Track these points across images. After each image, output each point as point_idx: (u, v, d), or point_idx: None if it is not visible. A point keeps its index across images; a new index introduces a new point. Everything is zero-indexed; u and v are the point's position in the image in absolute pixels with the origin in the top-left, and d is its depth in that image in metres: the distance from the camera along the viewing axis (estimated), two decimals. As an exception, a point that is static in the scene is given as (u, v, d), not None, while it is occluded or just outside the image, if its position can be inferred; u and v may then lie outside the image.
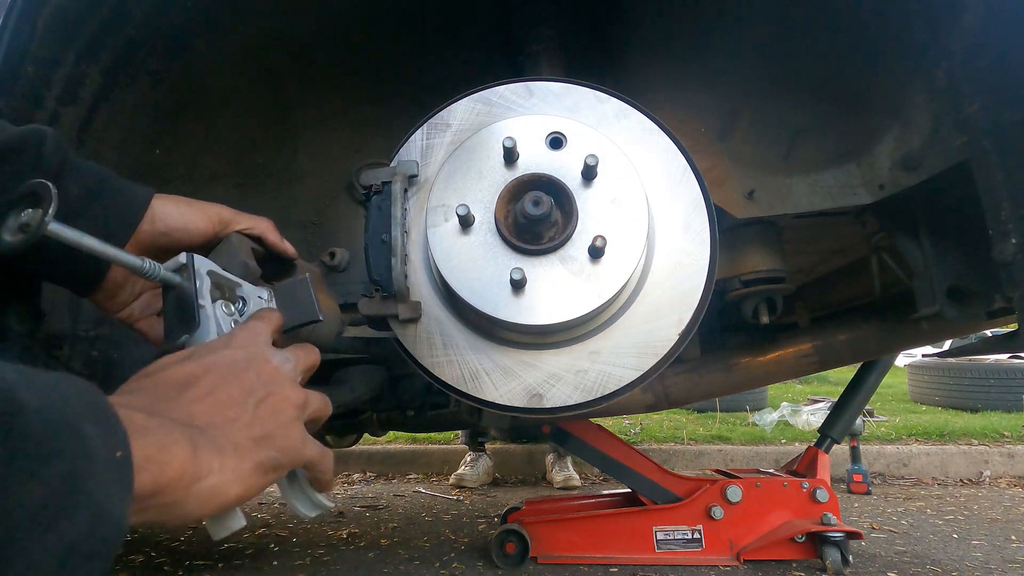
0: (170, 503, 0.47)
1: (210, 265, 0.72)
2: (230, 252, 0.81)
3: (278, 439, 0.58)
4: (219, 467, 0.51)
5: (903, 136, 1.33)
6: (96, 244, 0.63)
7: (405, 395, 1.82)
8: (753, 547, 2.13)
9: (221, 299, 0.72)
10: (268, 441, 0.57)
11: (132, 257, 0.66)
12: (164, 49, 1.20)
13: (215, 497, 0.51)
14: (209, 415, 0.53)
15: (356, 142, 1.53)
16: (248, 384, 0.58)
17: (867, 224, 1.60)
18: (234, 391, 0.57)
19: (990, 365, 5.26)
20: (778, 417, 4.72)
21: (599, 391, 0.98)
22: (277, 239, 0.89)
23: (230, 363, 0.59)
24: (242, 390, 0.57)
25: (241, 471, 0.53)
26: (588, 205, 0.96)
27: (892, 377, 6.58)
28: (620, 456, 2.27)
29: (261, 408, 0.58)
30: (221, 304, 0.72)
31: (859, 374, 2.47)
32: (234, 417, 0.55)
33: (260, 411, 0.58)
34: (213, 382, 0.56)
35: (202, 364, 0.57)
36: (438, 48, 1.46)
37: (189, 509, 0.49)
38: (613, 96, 1.05)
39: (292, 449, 0.60)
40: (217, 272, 0.73)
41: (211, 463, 0.50)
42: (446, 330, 1.02)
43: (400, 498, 3.45)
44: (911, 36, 1.24)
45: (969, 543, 2.44)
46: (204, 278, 0.70)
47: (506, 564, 2.14)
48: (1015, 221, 1.09)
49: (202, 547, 2.54)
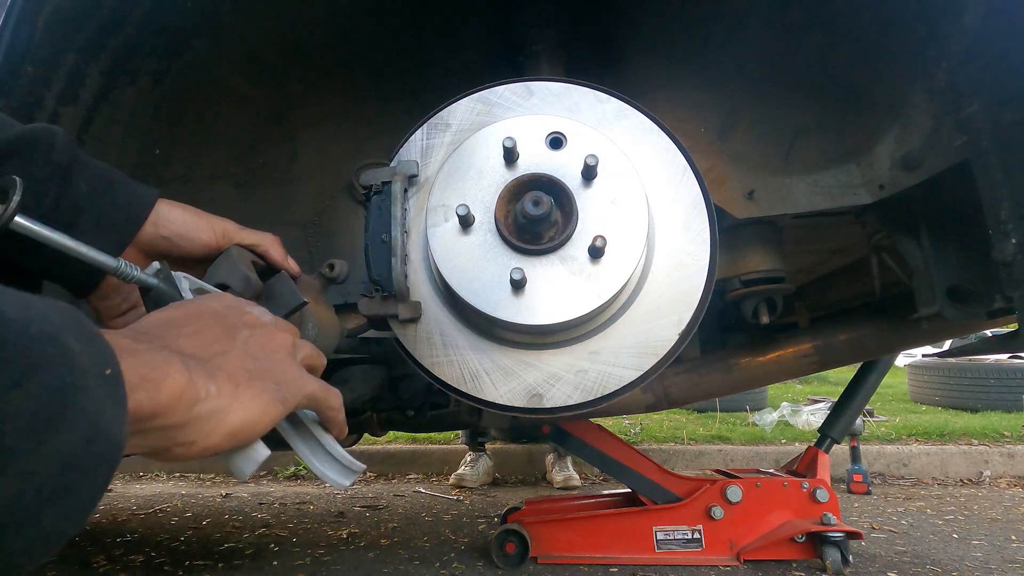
0: (172, 426, 0.47)
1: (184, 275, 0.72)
2: (230, 264, 0.80)
3: (274, 372, 0.57)
4: (216, 391, 0.50)
5: (903, 136, 1.33)
6: (63, 240, 0.62)
7: (405, 395, 1.82)
8: (753, 547, 2.13)
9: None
10: (263, 373, 0.56)
11: (104, 256, 0.65)
12: (164, 49, 1.20)
13: (220, 422, 0.50)
14: (196, 349, 0.53)
15: (356, 142, 1.53)
16: (231, 325, 0.58)
17: (867, 224, 1.60)
18: (218, 331, 0.56)
19: (990, 365, 5.26)
20: (778, 417, 4.72)
21: (599, 391, 0.98)
22: (281, 256, 0.88)
23: (210, 311, 0.58)
24: (226, 330, 0.57)
25: (239, 396, 0.52)
26: (588, 205, 0.96)
27: (892, 377, 6.58)
28: (620, 456, 2.27)
29: (249, 346, 0.57)
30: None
31: (859, 374, 2.47)
32: (222, 351, 0.54)
33: (249, 348, 0.57)
34: (198, 324, 0.55)
35: (183, 311, 0.57)
36: (438, 48, 1.46)
37: (194, 434, 0.48)
38: (613, 96, 1.05)
39: (290, 381, 0.58)
40: (195, 280, 0.72)
41: (208, 385, 0.49)
42: (446, 330, 1.02)
43: (400, 498, 3.45)
44: (911, 36, 1.24)
45: (969, 543, 2.44)
46: (182, 280, 0.70)
47: (506, 564, 2.14)
48: (1015, 221, 1.09)
49: (202, 547, 2.54)
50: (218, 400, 0.50)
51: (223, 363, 0.53)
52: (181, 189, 1.42)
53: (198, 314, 0.57)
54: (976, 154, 1.15)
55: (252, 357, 0.56)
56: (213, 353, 0.54)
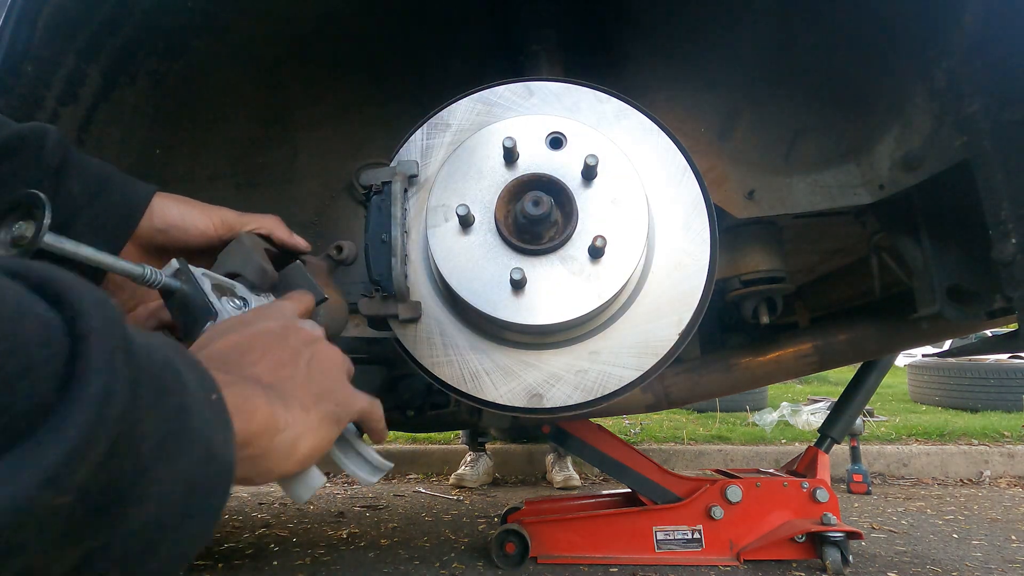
0: (257, 455, 0.48)
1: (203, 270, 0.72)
2: (244, 254, 0.80)
3: (334, 392, 0.60)
4: (293, 420, 0.52)
5: (903, 136, 1.33)
6: (93, 254, 0.62)
7: (405, 395, 1.82)
8: (753, 547, 2.13)
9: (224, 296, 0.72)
10: (326, 395, 0.59)
11: (130, 264, 0.65)
12: (164, 49, 1.20)
13: (293, 450, 0.52)
14: (269, 376, 0.55)
15: (356, 142, 1.53)
16: (294, 347, 0.59)
17: (867, 224, 1.60)
18: (284, 354, 0.58)
19: (990, 365, 5.26)
20: (778, 417, 4.72)
21: (599, 391, 0.98)
22: (286, 235, 0.88)
23: (269, 332, 0.60)
24: (291, 353, 0.59)
25: (310, 423, 0.54)
26: (588, 205, 0.96)
27: (892, 377, 6.58)
28: (620, 456, 2.27)
29: (312, 367, 0.59)
30: (227, 300, 0.72)
31: (859, 374, 2.47)
32: (291, 376, 0.56)
33: (311, 370, 0.59)
34: (264, 348, 0.57)
35: (246, 335, 0.58)
36: (438, 48, 1.46)
37: (272, 463, 0.50)
38: (613, 96, 1.05)
39: (347, 401, 0.61)
40: (212, 275, 0.72)
41: (285, 417, 0.51)
42: (446, 330, 1.02)
43: (400, 498, 3.45)
44: (911, 36, 1.24)
45: (969, 543, 2.44)
46: (203, 279, 0.70)
47: (506, 564, 2.14)
48: (1015, 221, 1.09)
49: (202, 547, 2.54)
50: (294, 429, 0.52)
51: (293, 390, 0.55)
52: (181, 189, 1.40)
53: (260, 335, 0.58)
54: (976, 154, 1.15)
55: (315, 380, 0.59)
56: (283, 379, 0.56)
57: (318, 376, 0.60)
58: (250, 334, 0.58)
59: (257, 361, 0.55)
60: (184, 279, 0.69)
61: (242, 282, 0.78)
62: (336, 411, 0.59)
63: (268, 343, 0.58)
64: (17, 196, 0.59)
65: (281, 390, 0.54)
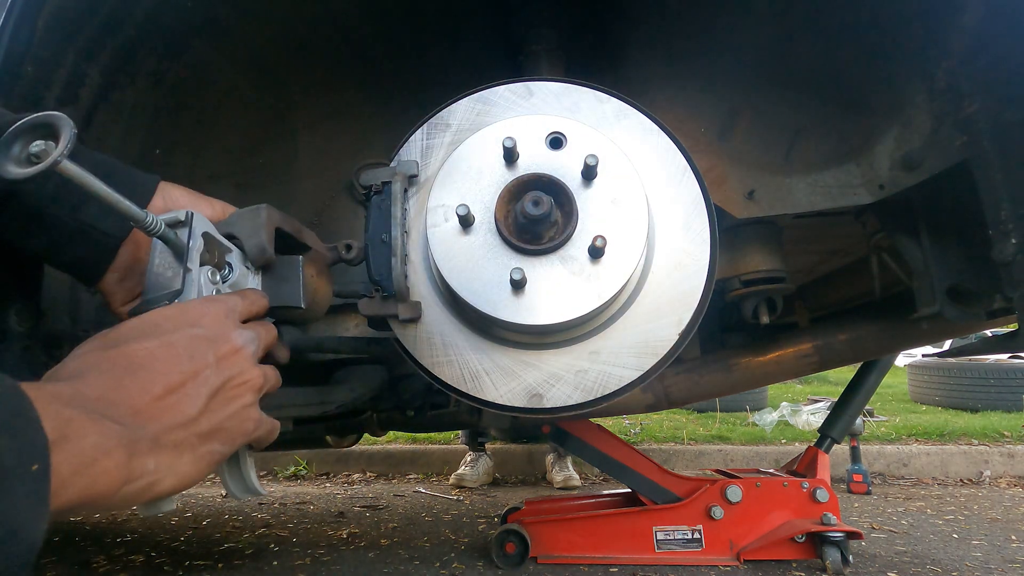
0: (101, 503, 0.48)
1: (207, 226, 0.71)
2: (254, 226, 0.79)
3: (226, 430, 0.59)
4: (154, 467, 0.51)
5: (903, 136, 1.33)
6: (102, 188, 0.61)
7: (405, 395, 1.82)
8: (753, 547, 2.13)
9: (209, 264, 0.71)
10: (215, 435, 0.57)
11: (135, 208, 0.64)
12: (164, 49, 1.20)
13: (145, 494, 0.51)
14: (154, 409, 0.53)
15: (356, 142, 1.53)
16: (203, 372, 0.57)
17: (867, 224, 1.60)
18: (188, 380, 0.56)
19: (990, 365, 5.26)
20: (778, 417, 4.72)
21: (599, 391, 0.98)
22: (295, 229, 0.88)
23: (191, 343, 0.58)
24: (196, 379, 0.57)
25: (177, 467, 0.53)
26: (588, 205, 0.96)
27: (892, 377, 6.58)
28: (620, 456, 2.27)
29: (215, 400, 0.58)
30: (208, 270, 0.71)
31: (859, 374, 2.47)
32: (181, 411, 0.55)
33: (213, 403, 0.58)
34: (168, 368, 0.55)
35: (163, 342, 0.56)
36: (438, 48, 1.46)
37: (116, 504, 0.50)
38: (613, 96, 1.05)
39: (235, 437, 0.60)
40: (211, 235, 0.71)
41: (146, 464, 0.50)
42: (446, 330, 1.02)
43: (400, 498, 3.45)
44: (911, 36, 1.24)
45: (969, 543, 2.44)
46: (198, 239, 0.69)
47: (506, 564, 2.14)
48: (1015, 221, 1.09)
49: (202, 547, 2.54)
50: (154, 476, 0.51)
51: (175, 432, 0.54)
52: (181, 189, 1.42)
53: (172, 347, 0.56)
54: (976, 154, 1.15)
55: (210, 416, 0.57)
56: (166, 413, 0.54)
57: (217, 407, 0.58)
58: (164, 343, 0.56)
59: (146, 387, 0.53)
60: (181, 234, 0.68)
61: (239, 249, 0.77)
62: (219, 450, 0.58)
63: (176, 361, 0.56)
64: (43, 116, 0.57)
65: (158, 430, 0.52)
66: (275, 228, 0.81)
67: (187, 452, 0.54)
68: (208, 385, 0.58)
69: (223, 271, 0.74)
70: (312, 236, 0.91)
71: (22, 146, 0.57)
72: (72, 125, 0.55)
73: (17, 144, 0.57)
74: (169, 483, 0.53)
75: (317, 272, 0.89)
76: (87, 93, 1.13)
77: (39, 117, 0.57)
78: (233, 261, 0.75)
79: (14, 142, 0.56)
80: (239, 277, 0.76)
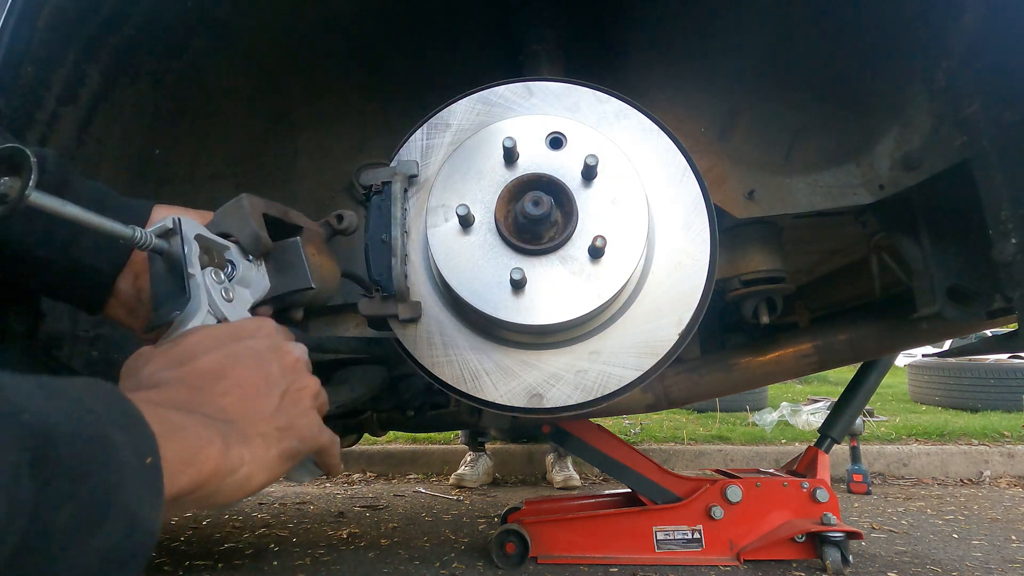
0: (205, 496, 0.50)
1: (197, 228, 0.70)
2: (241, 217, 0.78)
3: (299, 428, 0.61)
4: (249, 457, 0.53)
5: (903, 136, 1.33)
6: (79, 213, 0.60)
7: (405, 395, 1.82)
8: (753, 547, 2.13)
9: (210, 265, 0.70)
10: (290, 430, 0.60)
11: (119, 225, 0.63)
12: (164, 49, 1.20)
13: (244, 487, 0.54)
14: (238, 408, 0.56)
15: (356, 142, 1.53)
16: (273, 375, 0.60)
17: (867, 224, 1.60)
18: (260, 383, 0.59)
19: (990, 365, 5.26)
20: (778, 417, 4.72)
21: (599, 391, 0.98)
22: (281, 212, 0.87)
23: (255, 353, 0.60)
24: (268, 381, 0.60)
25: (267, 460, 0.56)
26: (588, 205, 0.96)
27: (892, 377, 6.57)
28: (620, 456, 2.27)
29: (285, 399, 0.61)
30: (211, 272, 0.70)
31: (859, 374, 2.47)
32: (261, 408, 0.58)
33: (284, 401, 0.60)
34: (241, 374, 0.58)
35: (229, 354, 0.59)
36: (438, 48, 1.46)
37: (221, 499, 0.52)
38: (613, 96, 1.05)
39: (311, 437, 0.62)
40: (205, 236, 0.71)
41: (242, 455, 0.52)
42: (446, 330, 1.02)
43: (400, 498, 3.45)
44: (911, 36, 1.24)
45: (969, 543, 2.44)
46: (192, 243, 0.68)
47: (506, 564, 2.14)
48: (1015, 221, 1.09)
49: (202, 547, 2.54)
50: (249, 467, 0.53)
51: (258, 423, 0.57)
52: (181, 189, 1.42)
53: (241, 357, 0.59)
54: (976, 154, 1.15)
55: (284, 413, 0.60)
56: (253, 411, 0.57)
57: (289, 408, 0.60)
58: (231, 354, 0.59)
59: (229, 390, 0.56)
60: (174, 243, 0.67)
61: (234, 245, 0.76)
62: (297, 447, 0.60)
63: (246, 368, 0.58)
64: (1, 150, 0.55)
65: (244, 425, 0.55)
66: (261, 214, 0.80)
67: (273, 445, 0.57)
68: (278, 387, 0.60)
69: (226, 270, 0.73)
70: (301, 216, 0.89)
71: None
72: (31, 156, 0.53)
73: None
74: (262, 476, 0.55)
75: (317, 250, 0.88)
76: (87, 93, 1.13)
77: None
78: (233, 258, 0.75)
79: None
80: (244, 272, 0.76)
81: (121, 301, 0.79)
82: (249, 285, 0.77)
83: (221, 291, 0.70)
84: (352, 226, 0.94)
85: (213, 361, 0.57)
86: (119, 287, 0.78)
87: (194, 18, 1.19)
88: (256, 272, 0.79)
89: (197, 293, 0.66)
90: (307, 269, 0.81)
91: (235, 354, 0.59)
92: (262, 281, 0.80)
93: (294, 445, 0.59)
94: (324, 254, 0.90)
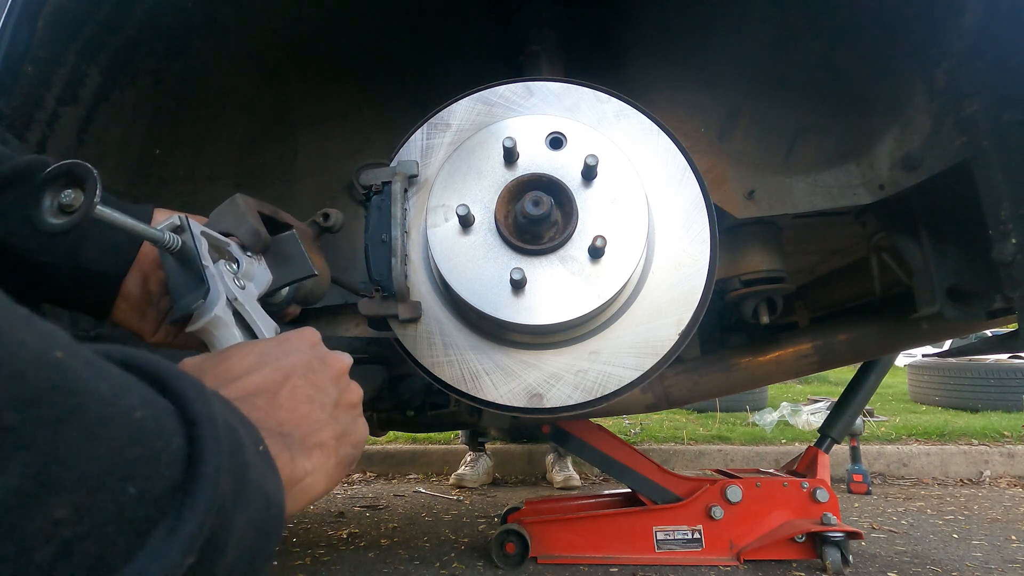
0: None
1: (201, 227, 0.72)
2: (236, 213, 0.80)
3: (353, 435, 0.62)
4: (311, 467, 0.55)
5: (903, 136, 1.33)
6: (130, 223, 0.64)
7: (405, 395, 1.82)
8: (753, 547, 2.13)
9: (220, 259, 0.72)
10: (346, 438, 0.61)
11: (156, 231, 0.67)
12: (164, 49, 1.20)
13: (307, 496, 0.55)
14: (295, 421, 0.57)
15: (356, 142, 1.53)
16: (325, 386, 0.61)
17: (867, 224, 1.60)
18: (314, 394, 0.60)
19: (990, 365, 5.26)
20: (778, 417, 4.72)
21: (599, 391, 0.98)
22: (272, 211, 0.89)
23: (306, 366, 0.61)
24: (318, 392, 0.60)
25: (327, 468, 0.57)
26: (588, 205, 0.96)
27: (892, 377, 6.58)
28: (620, 456, 2.27)
29: (338, 409, 0.62)
30: (223, 263, 0.72)
31: (859, 374, 2.47)
32: (316, 419, 0.59)
33: (337, 411, 0.61)
34: (294, 387, 0.59)
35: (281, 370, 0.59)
36: (438, 48, 1.46)
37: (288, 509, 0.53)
38: (613, 96, 1.05)
39: (362, 442, 0.64)
40: (209, 233, 0.72)
41: (305, 465, 0.54)
42: (446, 330, 1.02)
43: (400, 498, 3.45)
44: (911, 36, 1.24)
45: (969, 543, 2.44)
46: (201, 239, 0.70)
47: (506, 564, 2.14)
48: (1015, 221, 1.09)
49: None
50: (312, 477, 0.55)
51: (318, 436, 0.58)
52: (181, 189, 1.42)
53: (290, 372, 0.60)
54: (976, 154, 1.15)
55: (339, 422, 0.61)
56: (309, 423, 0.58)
57: (343, 416, 0.62)
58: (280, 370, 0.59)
59: (284, 404, 0.57)
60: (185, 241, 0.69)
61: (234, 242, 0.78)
62: (351, 453, 0.61)
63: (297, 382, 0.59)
64: (64, 165, 0.60)
65: (303, 437, 0.56)
66: (256, 211, 0.83)
67: (332, 455, 0.58)
68: (330, 397, 0.61)
69: (232, 265, 0.75)
70: (289, 216, 0.92)
71: (51, 198, 0.60)
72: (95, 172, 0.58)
73: (47, 197, 0.60)
74: (323, 485, 0.56)
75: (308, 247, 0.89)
76: (87, 93, 1.13)
77: (61, 167, 0.60)
78: (236, 255, 0.76)
79: (43, 195, 0.60)
80: (247, 267, 0.77)
81: (130, 304, 0.79)
82: (252, 279, 0.78)
83: (235, 280, 0.72)
84: (338, 224, 0.95)
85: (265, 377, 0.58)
86: (127, 289, 0.79)
87: (194, 18, 1.19)
88: (257, 266, 0.80)
89: (215, 283, 0.68)
90: (307, 258, 0.82)
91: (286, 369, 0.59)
92: (264, 274, 0.81)
93: (350, 452, 0.61)
94: (315, 252, 0.91)
